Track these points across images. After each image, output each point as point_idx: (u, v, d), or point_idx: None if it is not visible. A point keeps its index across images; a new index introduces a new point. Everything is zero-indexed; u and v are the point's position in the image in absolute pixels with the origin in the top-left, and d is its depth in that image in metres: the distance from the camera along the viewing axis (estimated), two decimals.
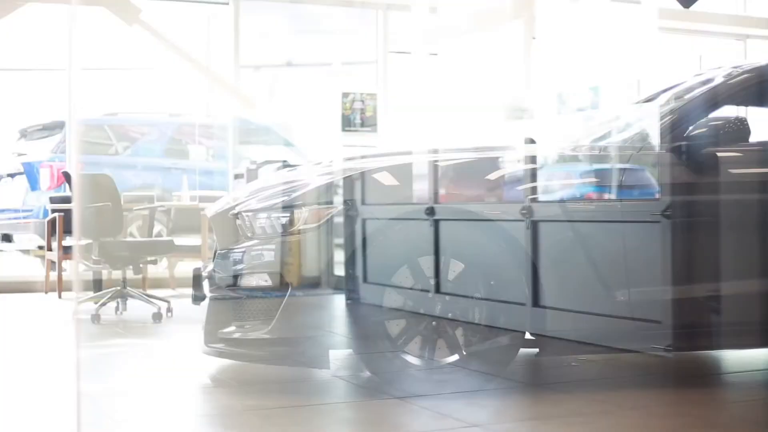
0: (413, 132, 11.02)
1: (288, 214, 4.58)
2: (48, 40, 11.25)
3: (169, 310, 7.79)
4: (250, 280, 4.64)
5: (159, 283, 9.93)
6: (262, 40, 12.02)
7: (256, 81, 12.27)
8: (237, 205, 4.83)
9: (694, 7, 12.61)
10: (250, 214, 4.70)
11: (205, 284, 4.97)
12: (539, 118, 10.48)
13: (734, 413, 4.16)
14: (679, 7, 12.63)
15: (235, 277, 4.70)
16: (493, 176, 4.83)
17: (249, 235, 4.70)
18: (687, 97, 4.93)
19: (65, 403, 4.36)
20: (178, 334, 6.75)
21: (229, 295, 4.75)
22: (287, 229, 4.56)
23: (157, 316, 7.48)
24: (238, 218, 4.77)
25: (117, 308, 7.91)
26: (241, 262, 4.69)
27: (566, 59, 12.34)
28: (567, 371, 5.25)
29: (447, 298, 4.52)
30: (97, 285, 9.00)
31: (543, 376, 5.15)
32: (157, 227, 10.78)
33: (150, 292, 8.75)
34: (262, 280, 4.60)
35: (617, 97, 10.83)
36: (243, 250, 4.69)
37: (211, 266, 4.94)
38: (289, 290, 4.50)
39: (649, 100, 5.52)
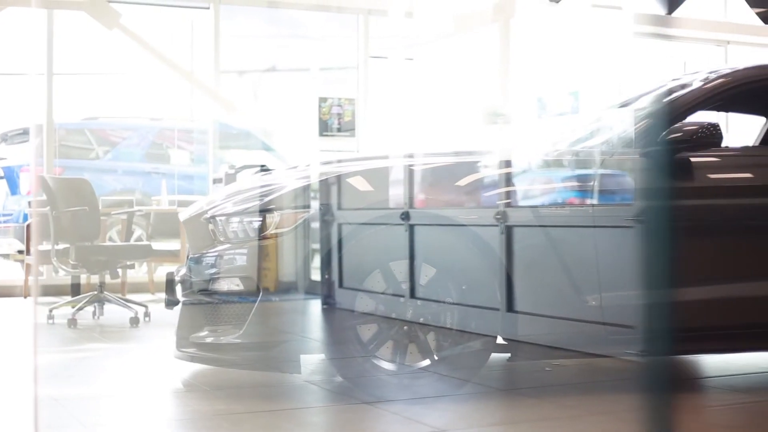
0: (392, 137, 11.02)
1: (260, 218, 4.57)
2: (29, 44, 11.21)
3: (146, 314, 7.79)
4: (221, 285, 4.63)
5: (139, 288, 9.92)
6: (246, 45, 12.01)
7: (240, 86, 12.25)
8: (210, 209, 4.82)
9: (676, 13, 12.68)
10: (222, 218, 4.68)
11: (178, 288, 4.96)
12: (517, 123, 10.49)
13: (706, 418, 4.16)
14: (661, 12, 12.69)
15: (207, 281, 4.69)
16: (467, 181, 4.81)
17: (221, 239, 4.69)
18: (664, 101, 4.94)
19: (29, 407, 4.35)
20: (154, 339, 6.73)
21: (201, 299, 4.74)
22: (259, 233, 4.55)
23: (134, 321, 7.47)
24: (210, 222, 4.76)
25: (94, 313, 7.90)
26: (213, 266, 4.67)
27: (545, 63, 12.36)
28: (539, 376, 5.25)
29: (419, 302, 4.51)
30: (75, 289, 8.98)
31: (514, 380, 5.15)
32: (138, 232, 10.77)
33: (129, 296, 8.74)
34: (234, 284, 4.59)
35: (596, 101, 10.85)
36: (215, 254, 4.68)
37: (183, 270, 4.93)
38: (261, 294, 4.48)
39: (627, 103, 5.53)
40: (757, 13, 13.29)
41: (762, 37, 13.23)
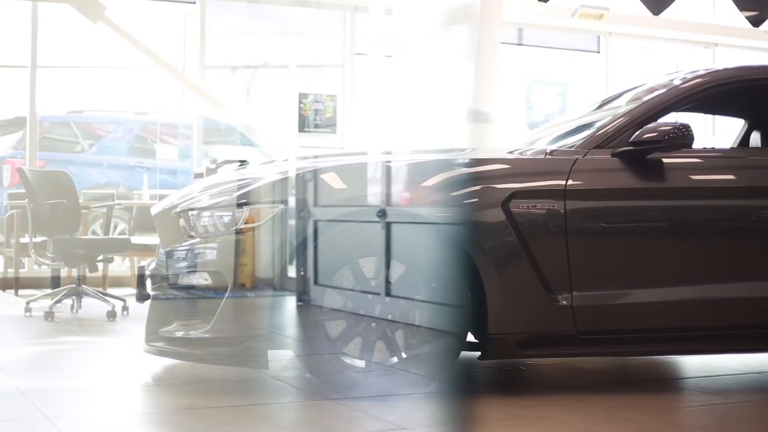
0: (373, 134, 10.99)
1: (230, 213, 4.53)
2: (11, 35, 11.17)
3: (125, 308, 7.77)
4: (190, 279, 4.60)
5: (120, 282, 9.91)
6: (240, 42, 11.99)
7: (232, 82, 12.23)
8: (180, 203, 4.79)
9: (663, 15, 12.68)
10: (193, 212, 4.65)
11: (149, 282, 4.93)
12: (501, 122, 10.46)
13: (673, 419, 4.15)
14: (649, 14, 12.69)
15: (176, 275, 4.66)
16: (440, 179, 4.75)
17: (192, 233, 4.66)
18: (643, 99, 4.92)
19: None
20: (129, 333, 6.70)
21: (170, 293, 4.71)
22: (229, 228, 4.52)
23: (112, 315, 7.46)
24: (181, 217, 4.73)
25: (72, 306, 7.89)
26: (182, 260, 4.64)
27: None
28: (510, 375, 5.24)
29: (388, 299, 4.47)
30: (55, 282, 8.97)
31: (484, 379, 5.14)
32: (122, 225, 10.76)
33: (111, 290, 8.74)
34: (203, 279, 4.56)
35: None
36: (185, 248, 4.65)
37: (154, 264, 4.91)
38: (229, 290, 4.45)
39: (607, 102, 5.52)
40: (747, 17, 13.29)
41: (750, 40, 13.25)
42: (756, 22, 13.30)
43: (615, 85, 12.00)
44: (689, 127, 4.56)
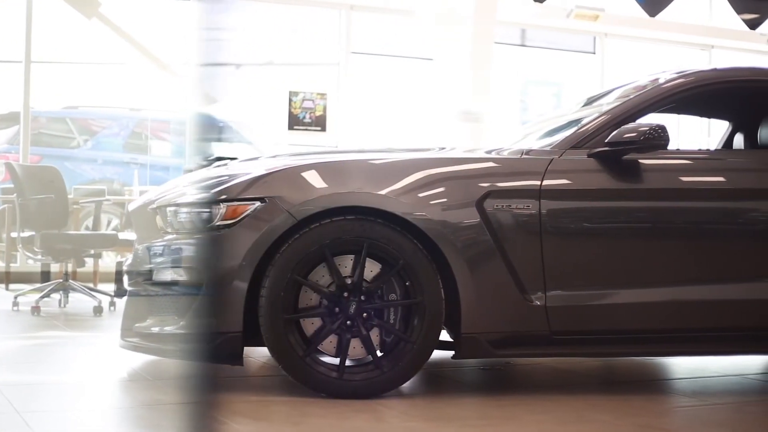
0: (363, 132, 11.00)
1: (206, 210, 4.52)
2: (5, 30, 11.19)
3: (112, 303, 7.80)
4: (164, 275, 4.61)
5: (111, 277, 9.89)
6: (247, 39, 11.99)
7: (227, 78, 12.18)
8: (157, 199, 4.79)
9: (660, 16, 12.67)
10: (170, 209, 4.65)
11: (125, 278, 4.94)
12: (494, 121, 10.47)
13: (641, 421, 4.15)
14: (646, 15, 12.69)
15: (151, 272, 4.66)
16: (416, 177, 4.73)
17: (168, 230, 4.66)
18: (624, 99, 4.92)
19: None
20: (114, 328, 6.69)
21: (146, 289, 4.72)
22: (205, 224, 4.50)
23: (98, 310, 7.48)
24: (157, 213, 4.73)
25: (60, 301, 7.91)
26: (157, 256, 4.65)
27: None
28: (487, 374, 5.25)
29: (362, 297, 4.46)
30: (44, 277, 8.99)
31: (460, 378, 5.14)
32: (115, 221, 10.78)
33: (101, 285, 8.76)
34: (177, 275, 4.56)
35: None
36: (160, 245, 4.65)
37: (130, 260, 4.92)
38: (203, 286, 4.43)
39: (593, 100, 5.51)
40: (744, 19, 13.28)
41: (747, 42, 13.24)
42: (753, 24, 13.29)
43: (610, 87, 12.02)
44: (665, 128, 4.55)
